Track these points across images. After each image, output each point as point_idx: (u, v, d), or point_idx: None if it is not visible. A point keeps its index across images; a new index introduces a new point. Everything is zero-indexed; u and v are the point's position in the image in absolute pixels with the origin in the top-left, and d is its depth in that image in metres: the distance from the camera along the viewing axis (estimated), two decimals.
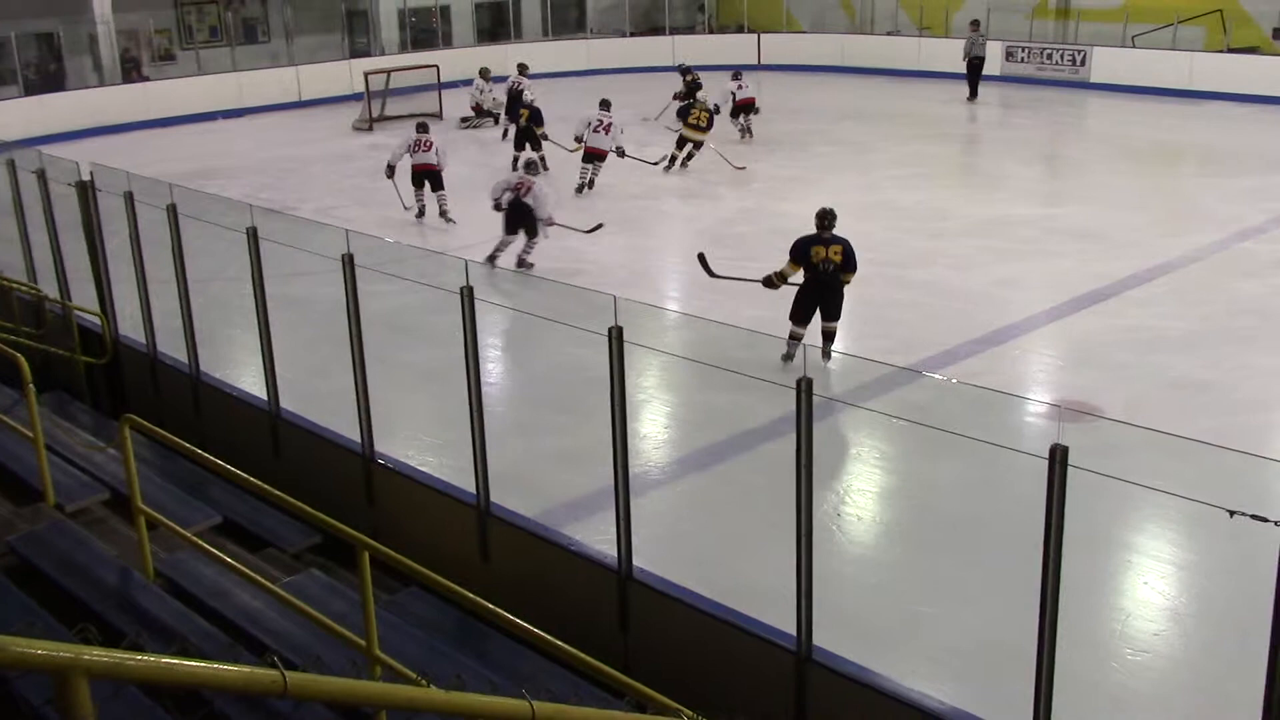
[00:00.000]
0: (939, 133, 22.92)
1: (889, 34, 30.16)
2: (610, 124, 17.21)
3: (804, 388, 4.98)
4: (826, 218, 10.26)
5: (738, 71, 21.14)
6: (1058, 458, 4.26)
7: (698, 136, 18.54)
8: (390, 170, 16.02)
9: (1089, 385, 10.09)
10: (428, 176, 15.83)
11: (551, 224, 13.36)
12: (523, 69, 22.22)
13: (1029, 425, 8.49)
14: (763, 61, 30.20)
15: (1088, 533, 6.69)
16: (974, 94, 25.16)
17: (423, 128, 16.15)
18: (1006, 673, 5.65)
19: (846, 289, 10.40)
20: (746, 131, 20.84)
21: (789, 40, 30.59)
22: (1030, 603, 4.52)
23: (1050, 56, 26.77)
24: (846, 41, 29.80)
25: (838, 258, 10.17)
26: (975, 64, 25.02)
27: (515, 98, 21.29)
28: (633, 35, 31.52)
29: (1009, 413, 8.33)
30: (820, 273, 10.20)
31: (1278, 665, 4.06)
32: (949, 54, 27.15)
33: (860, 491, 8.37)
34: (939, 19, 29.03)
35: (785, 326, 10.07)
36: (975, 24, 25.62)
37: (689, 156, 18.76)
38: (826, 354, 9.80)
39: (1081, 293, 12.38)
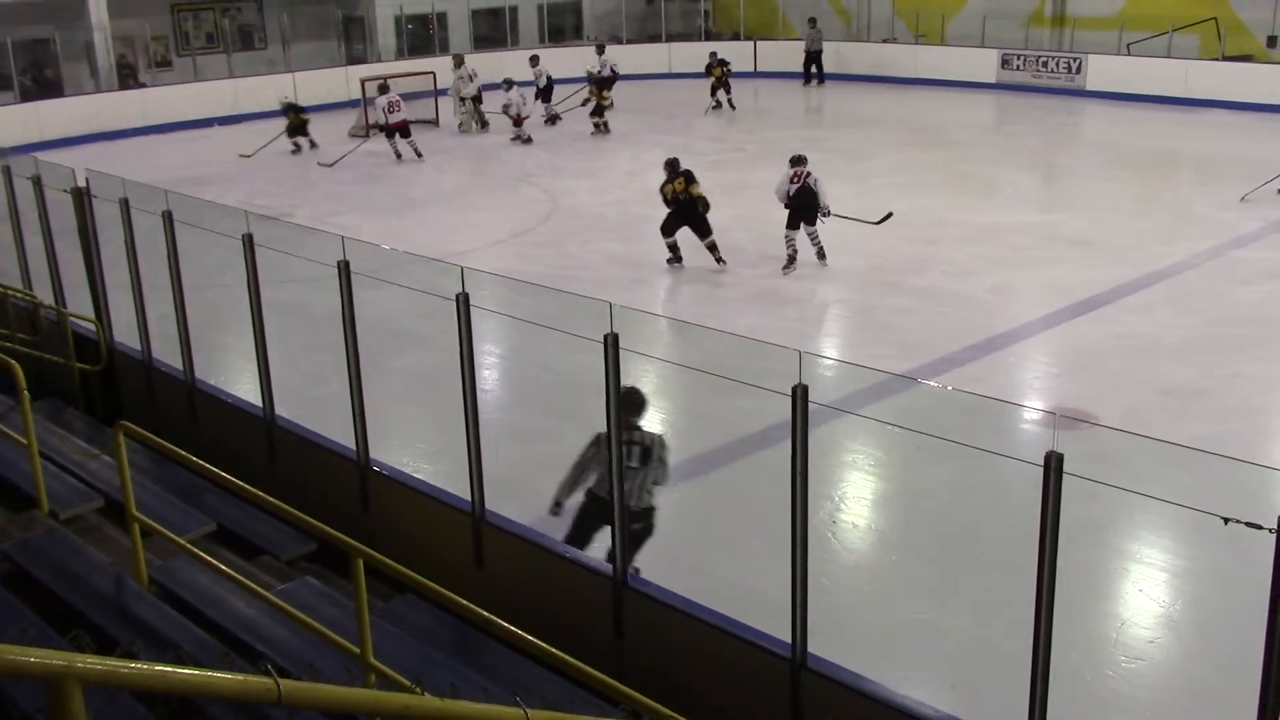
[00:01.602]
0: (935, 140, 22.96)
1: (885, 41, 30.23)
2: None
3: (799, 395, 4.98)
4: (669, 166, 13.74)
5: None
6: (1052, 465, 4.26)
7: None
8: (381, 128, 20.74)
9: (1084, 392, 10.11)
10: (401, 130, 20.65)
11: (828, 214, 13.89)
12: (535, 60, 23.86)
13: (1024, 432, 8.51)
14: (759, 68, 30.27)
15: (1083, 540, 6.70)
16: (807, 81, 28.60)
17: (385, 88, 20.78)
18: (1001, 679, 5.65)
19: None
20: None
21: (785, 47, 30.64)
22: (1025, 610, 4.52)
23: (1046, 64, 26.85)
24: (843, 48, 29.87)
25: (682, 187, 13.52)
26: (813, 56, 28.55)
27: (546, 90, 23.79)
28: (629, 42, 31.57)
29: (1004, 420, 8.35)
30: (681, 202, 13.51)
31: (1273, 672, 4.06)
32: (946, 61, 27.25)
33: (856, 499, 8.38)
34: (935, 27, 29.11)
35: (782, 334, 10.08)
36: (813, 21, 29.01)
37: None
38: (718, 260, 13.67)
39: (1077, 300, 12.41)
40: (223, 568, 5.52)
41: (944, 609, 7.04)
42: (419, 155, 20.87)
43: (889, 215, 14.35)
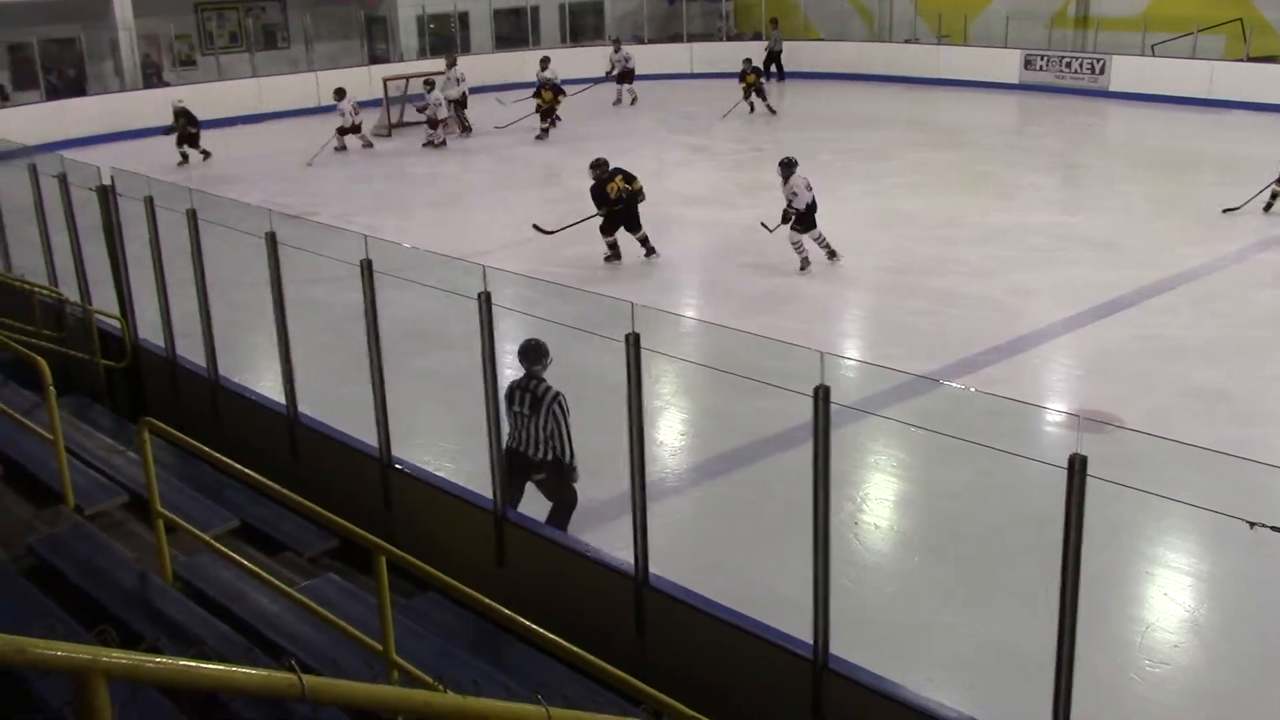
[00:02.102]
0: (955, 140, 22.88)
1: (907, 41, 30.14)
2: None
3: (821, 395, 4.97)
4: (601, 164, 14.25)
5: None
6: (1076, 467, 4.24)
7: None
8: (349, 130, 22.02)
9: (1108, 395, 10.06)
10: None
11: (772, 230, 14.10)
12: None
13: (1047, 434, 8.48)
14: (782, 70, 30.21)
15: (1107, 543, 6.68)
16: (767, 78, 27.82)
17: (343, 93, 22.04)
18: (1024, 683, 5.63)
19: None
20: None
21: (806, 47, 30.60)
22: (1048, 613, 4.50)
23: (1069, 65, 26.73)
24: (864, 49, 29.80)
25: (623, 183, 13.89)
26: (774, 55, 29.20)
27: (626, 74, 25.63)
28: (651, 42, 31.57)
29: (1027, 422, 8.32)
30: (623, 200, 13.89)
31: None
32: (968, 62, 27.15)
33: (878, 500, 8.36)
34: (958, 27, 29.00)
35: (801, 335, 10.06)
36: (774, 22, 30.06)
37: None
38: (650, 252, 14.24)
39: (1099, 302, 12.35)
40: (246, 564, 5.54)
41: (966, 611, 7.01)
42: (369, 144, 22.75)
43: (774, 228, 14.11)
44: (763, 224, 13.99)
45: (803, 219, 13.71)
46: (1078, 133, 23.44)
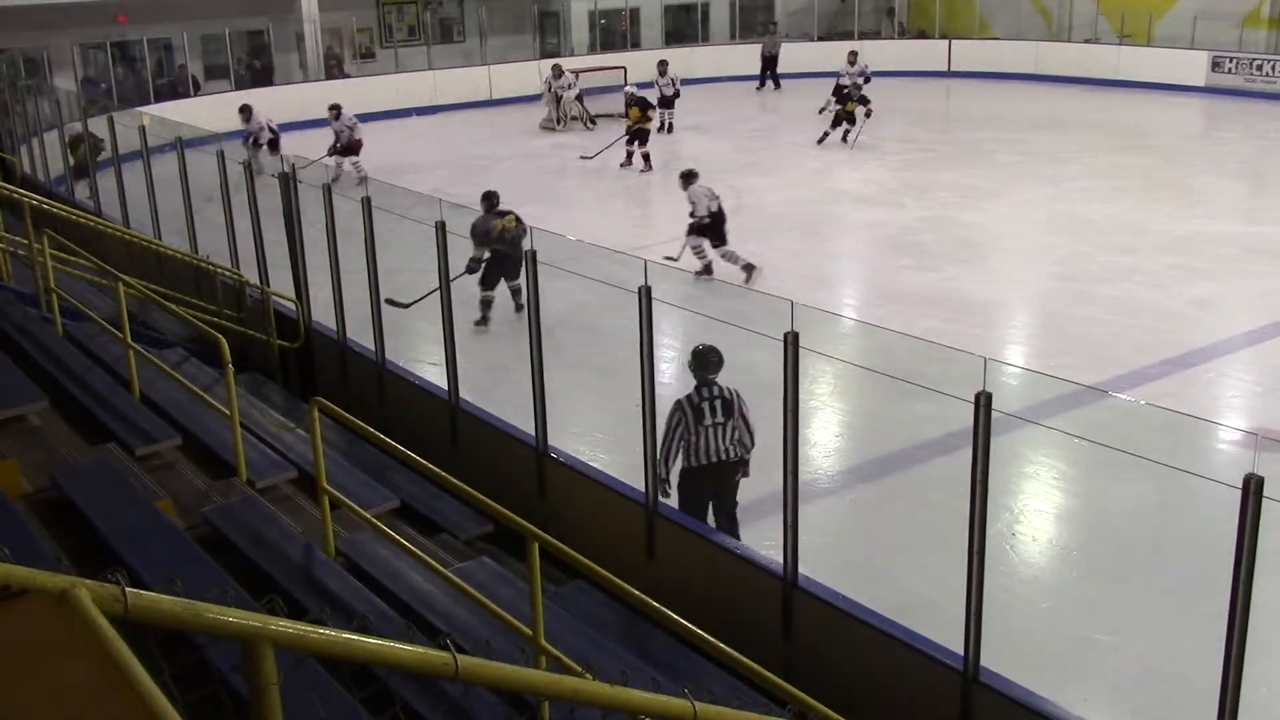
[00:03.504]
0: (1137, 144, 22.06)
1: (1087, 41, 29.16)
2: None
3: (983, 402, 4.87)
4: (491, 197, 11.92)
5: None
6: (1252, 488, 4.06)
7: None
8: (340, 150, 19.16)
9: None
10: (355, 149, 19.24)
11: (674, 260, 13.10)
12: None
13: (1221, 452, 8.12)
14: (953, 68, 29.61)
15: None
16: (762, 84, 28.65)
17: (338, 110, 19.27)
18: (1186, 710, 5.42)
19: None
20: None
21: (981, 46, 29.88)
22: (1215, 638, 4.32)
23: (1260, 68, 25.48)
24: (1042, 49, 28.94)
25: (513, 224, 11.40)
26: (770, 60, 28.69)
27: (670, 99, 23.26)
28: (820, 39, 31.28)
29: (1199, 438, 7.98)
30: (505, 242, 11.33)
31: None
32: (1151, 63, 26.13)
33: (1036, 512, 8.13)
34: (1141, 26, 27.89)
35: (965, 340, 9.84)
36: (773, 26, 30.16)
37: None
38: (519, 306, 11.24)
39: None
40: (404, 543, 5.71)
41: (1126, 632, 6.77)
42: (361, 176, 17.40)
43: (679, 255, 13.33)
44: (666, 257, 12.92)
45: (711, 230, 13.22)
46: (1268, 139, 22.33)
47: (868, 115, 20.90)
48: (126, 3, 24.17)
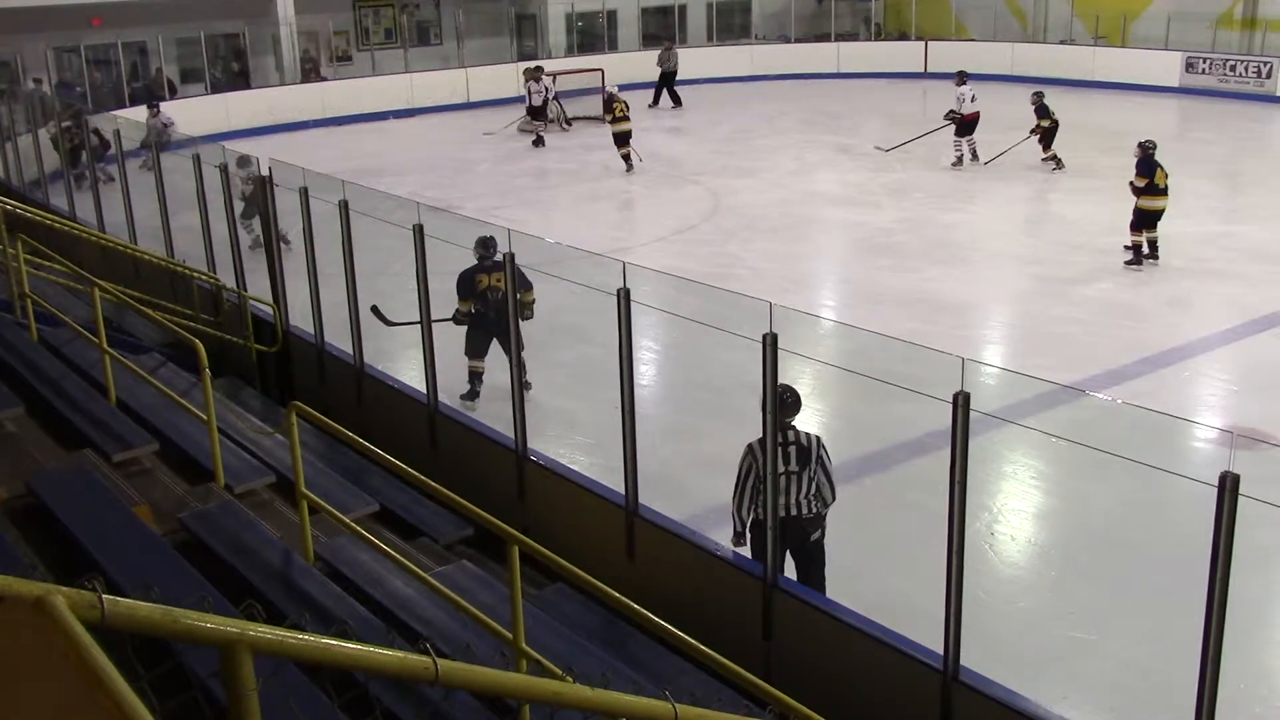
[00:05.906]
0: (1112, 145, 22.11)
1: (1062, 43, 29.31)
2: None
3: (961, 402, 4.89)
4: (488, 245, 9.75)
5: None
6: (1228, 486, 4.09)
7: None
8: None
9: (1265, 412, 9.65)
10: None
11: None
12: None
13: (1198, 451, 8.17)
14: (929, 70, 29.70)
15: (1258, 568, 6.40)
16: (656, 101, 26.74)
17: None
18: (1164, 706, 5.45)
19: None
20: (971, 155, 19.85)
21: (958, 48, 29.98)
22: (1192, 636, 4.34)
23: (1234, 68, 25.67)
24: (1017, 50, 29.05)
25: (501, 284, 9.03)
26: (667, 78, 27.11)
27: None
28: (797, 41, 31.35)
29: (1176, 437, 8.03)
30: (489, 301, 9.71)
31: None
32: (1126, 64, 26.27)
33: (1015, 511, 8.17)
34: (1116, 27, 28.07)
35: (942, 340, 9.87)
36: (670, 40, 28.80)
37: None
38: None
39: (1259, 315, 11.85)
40: (384, 548, 5.68)
41: (1105, 629, 6.81)
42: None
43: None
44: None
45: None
46: (1241, 139, 22.50)
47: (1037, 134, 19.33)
48: (101, 6, 24.03)
